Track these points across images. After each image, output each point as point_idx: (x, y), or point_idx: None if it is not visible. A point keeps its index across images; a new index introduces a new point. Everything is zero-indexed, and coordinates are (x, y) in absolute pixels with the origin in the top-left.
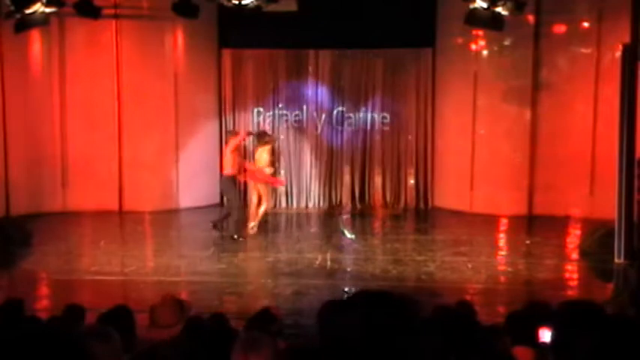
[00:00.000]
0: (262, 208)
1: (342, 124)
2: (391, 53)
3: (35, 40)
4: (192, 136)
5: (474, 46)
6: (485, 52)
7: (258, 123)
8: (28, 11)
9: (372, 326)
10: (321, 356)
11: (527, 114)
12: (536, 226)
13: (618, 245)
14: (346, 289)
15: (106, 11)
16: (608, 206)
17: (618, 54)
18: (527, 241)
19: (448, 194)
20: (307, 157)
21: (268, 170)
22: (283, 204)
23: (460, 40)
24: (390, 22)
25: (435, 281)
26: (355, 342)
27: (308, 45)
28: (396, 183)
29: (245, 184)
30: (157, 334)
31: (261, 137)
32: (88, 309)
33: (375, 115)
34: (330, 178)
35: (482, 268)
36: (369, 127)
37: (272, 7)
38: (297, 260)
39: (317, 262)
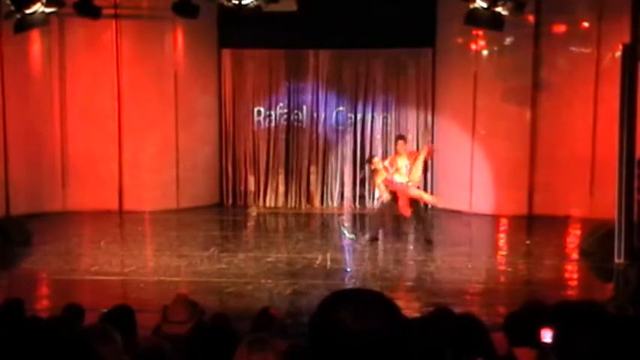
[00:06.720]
0: None
1: (342, 124)
2: (391, 53)
3: (35, 40)
4: (192, 136)
5: (474, 46)
6: (485, 52)
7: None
8: (28, 11)
9: (365, 326)
10: (317, 356)
11: (527, 114)
12: (536, 226)
13: (618, 245)
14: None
15: (106, 11)
16: (608, 206)
17: (618, 54)
18: (527, 241)
19: (448, 194)
20: (307, 157)
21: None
22: (283, 204)
23: (460, 40)
24: (390, 22)
25: (435, 281)
26: (346, 342)
27: (308, 45)
28: None
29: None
30: (168, 329)
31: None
32: (88, 309)
33: (376, 115)
34: (330, 178)
35: (483, 268)
36: (369, 127)
37: (272, 7)
38: (297, 260)
39: (317, 262)
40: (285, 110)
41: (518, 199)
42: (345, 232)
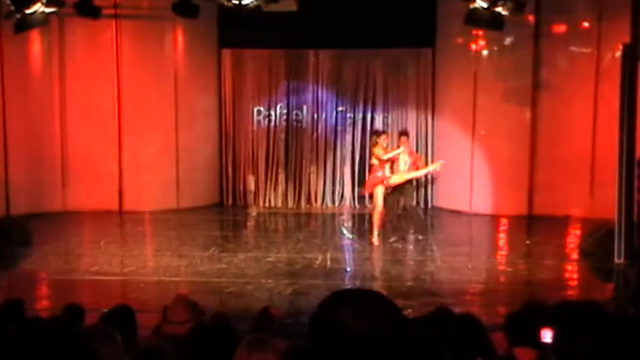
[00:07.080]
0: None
1: (342, 124)
2: (391, 53)
3: (35, 40)
4: (192, 136)
5: (474, 46)
6: (485, 52)
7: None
8: (28, 11)
9: (365, 326)
10: (317, 356)
11: (527, 114)
12: (536, 226)
13: (618, 245)
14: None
15: (106, 11)
16: (608, 206)
17: (618, 54)
18: (527, 241)
19: (448, 194)
20: (307, 157)
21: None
22: (283, 204)
23: (460, 40)
24: (390, 22)
25: (435, 281)
26: (346, 342)
27: (308, 45)
28: None
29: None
30: (168, 329)
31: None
32: (88, 309)
33: (376, 115)
34: (329, 178)
35: (483, 268)
36: (369, 127)
37: (272, 7)
38: (297, 260)
39: (317, 262)
40: (285, 110)
41: (518, 199)
42: (345, 232)
